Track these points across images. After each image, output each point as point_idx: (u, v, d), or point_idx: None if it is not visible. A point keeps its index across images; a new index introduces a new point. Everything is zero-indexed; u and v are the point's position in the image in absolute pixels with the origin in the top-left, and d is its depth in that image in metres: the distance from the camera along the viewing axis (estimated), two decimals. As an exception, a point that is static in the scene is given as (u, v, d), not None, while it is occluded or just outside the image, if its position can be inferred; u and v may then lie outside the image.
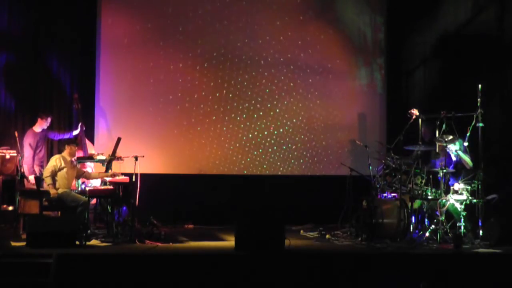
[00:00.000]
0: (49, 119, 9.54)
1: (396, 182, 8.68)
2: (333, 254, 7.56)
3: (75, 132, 9.66)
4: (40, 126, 9.50)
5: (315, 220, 9.96)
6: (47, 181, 8.32)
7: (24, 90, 10.13)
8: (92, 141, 10.08)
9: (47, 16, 10.20)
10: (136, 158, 8.36)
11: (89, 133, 10.22)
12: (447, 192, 8.23)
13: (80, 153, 9.26)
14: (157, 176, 10.02)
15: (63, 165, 8.40)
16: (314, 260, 7.21)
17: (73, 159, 8.58)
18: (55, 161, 8.42)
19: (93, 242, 7.99)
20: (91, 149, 9.52)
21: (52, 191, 8.24)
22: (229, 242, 8.09)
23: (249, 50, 10.75)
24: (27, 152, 9.34)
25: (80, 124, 9.62)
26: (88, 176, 8.80)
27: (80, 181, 8.73)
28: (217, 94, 10.69)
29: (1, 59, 9.97)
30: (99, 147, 9.98)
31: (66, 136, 9.64)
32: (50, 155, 9.57)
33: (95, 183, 8.99)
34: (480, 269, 7.15)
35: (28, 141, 9.41)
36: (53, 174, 8.34)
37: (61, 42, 10.26)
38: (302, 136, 10.86)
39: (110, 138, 9.92)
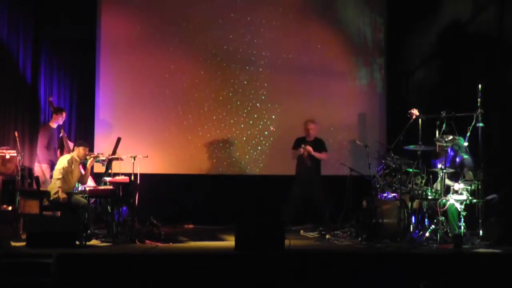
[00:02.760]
0: (64, 114, 9.53)
1: (396, 182, 8.68)
2: (333, 254, 7.55)
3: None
4: (55, 121, 9.49)
5: (315, 220, 9.96)
6: (58, 183, 8.15)
7: (24, 90, 10.14)
8: (92, 141, 10.09)
9: (47, 16, 10.21)
10: (134, 158, 8.35)
11: (89, 133, 10.25)
12: (447, 192, 8.23)
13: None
14: (157, 176, 10.02)
15: (72, 167, 8.32)
16: (314, 260, 7.21)
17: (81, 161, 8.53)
18: (67, 162, 8.27)
19: (93, 242, 7.98)
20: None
21: (62, 195, 8.09)
22: (229, 242, 8.09)
23: (250, 50, 10.75)
24: (41, 147, 9.34)
25: (61, 129, 9.49)
26: (82, 180, 8.62)
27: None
28: (217, 94, 10.70)
29: (1, 59, 9.99)
30: (99, 147, 9.98)
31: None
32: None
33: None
34: (480, 269, 7.14)
35: (42, 136, 9.38)
36: (63, 176, 8.22)
37: (61, 42, 10.27)
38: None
39: (110, 138, 9.92)
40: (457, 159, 8.49)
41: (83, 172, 8.68)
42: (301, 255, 7.41)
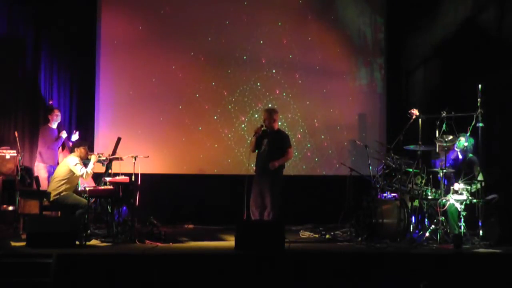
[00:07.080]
0: (56, 111, 9.53)
1: (396, 182, 8.68)
2: (333, 254, 7.55)
3: (74, 138, 9.57)
4: (52, 121, 9.50)
5: (315, 220, 9.96)
6: (63, 187, 8.23)
7: (24, 90, 10.14)
8: (92, 141, 10.09)
9: (47, 16, 10.22)
10: (135, 158, 8.36)
11: (89, 133, 10.25)
12: (447, 192, 8.23)
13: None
14: (157, 176, 10.03)
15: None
16: (314, 260, 7.21)
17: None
18: (77, 163, 8.33)
19: (93, 242, 7.99)
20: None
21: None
22: (229, 242, 8.09)
23: (250, 50, 10.76)
24: (43, 147, 9.33)
25: (62, 131, 9.53)
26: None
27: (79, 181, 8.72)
28: (218, 94, 10.70)
29: (1, 59, 9.99)
30: (99, 147, 9.98)
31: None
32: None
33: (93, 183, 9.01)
34: (480, 269, 7.14)
35: (44, 136, 9.38)
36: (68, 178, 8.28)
37: (61, 42, 10.28)
38: (302, 136, 10.87)
39: (110, 138, 9.92)
40: (462, 158, 8.47)
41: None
42: (301, 255, 7.41)
